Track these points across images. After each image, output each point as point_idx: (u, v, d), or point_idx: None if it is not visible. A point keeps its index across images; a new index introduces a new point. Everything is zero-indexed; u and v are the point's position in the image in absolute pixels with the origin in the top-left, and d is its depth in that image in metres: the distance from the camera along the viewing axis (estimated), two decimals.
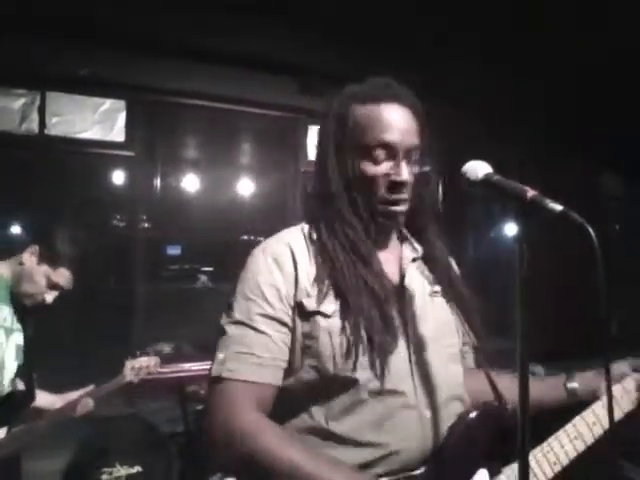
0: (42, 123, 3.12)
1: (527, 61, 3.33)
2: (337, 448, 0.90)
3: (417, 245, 1.09)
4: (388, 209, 0.99)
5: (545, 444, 1.02)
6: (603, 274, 0.66)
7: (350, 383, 0.90)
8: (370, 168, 0.98)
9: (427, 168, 1.04)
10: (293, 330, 0.94)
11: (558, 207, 0.73)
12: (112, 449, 2.39)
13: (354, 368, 0.90)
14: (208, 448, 0.91)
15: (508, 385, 1.03)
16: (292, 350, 0.94)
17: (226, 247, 5.01)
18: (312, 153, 3.80)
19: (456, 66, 3.40)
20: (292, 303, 0.95)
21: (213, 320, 1.04)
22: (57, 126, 3.14)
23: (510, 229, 4.39)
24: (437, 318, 1.02)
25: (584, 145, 3.91)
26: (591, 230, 0.68)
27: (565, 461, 1.02)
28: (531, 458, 0.99)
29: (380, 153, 0.97)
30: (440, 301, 1.05)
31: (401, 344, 0.95)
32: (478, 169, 0.85)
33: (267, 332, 0.93)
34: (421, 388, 0.95)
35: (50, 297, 1.89)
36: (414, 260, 1.06)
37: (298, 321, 0.94)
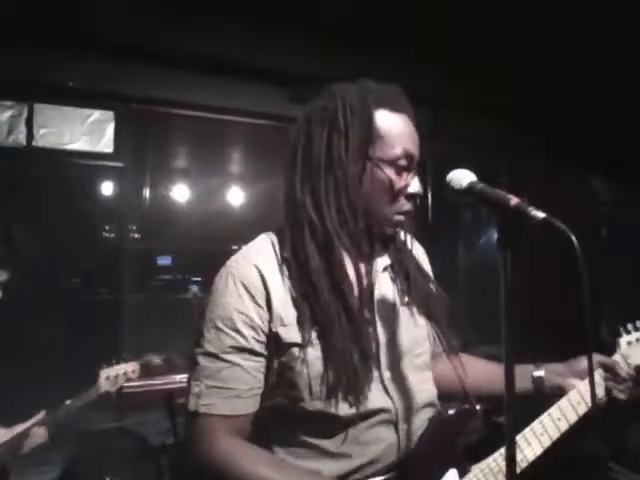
0: (30, 135, 3.09)
1: (525, 69, 3.37)
2: (316, 459, 0.92)
3: (385, 253, 1.07)
4: (401, 220, 0.99)
5: None
6: (586, 280, 0.66)
7: (328, 415, 0.91)
8: (394, 177, 0.96)
9: None
10: (268, 358, 0.93)
11: (540, 214, 0.73)
12: (101, 462, 2.36)
13: (332, 402, 0.90)
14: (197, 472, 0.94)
15: (481, 369, 1.09)
16: (267, 377, 0.93)
17: (217, 257, 4.99)
18: None
19: (453, 74, 3.43)
20: (266, 331, 0.92)
21: None
22: (45, 138, 3.12)
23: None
24: (408, 328, 1.02)
25: (574, 149, 3.96)
26: (573, 237, 0.68)
27: (531, 457, 1.03)
28: (497, 456, 1.02)
29: (403, 163, 0.96)
30: (411, 310, 1.05)
31: (374, 362, 0.95)
32: (462, 177, 0.85)
33: (240, 364, 0.91)
34: (397, 401, 0.96)
35: None
36: (384, 269, 1.05)
37: (273, 350, 0.92)
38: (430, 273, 1.15)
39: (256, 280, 0.93)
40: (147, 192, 3.95)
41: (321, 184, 0.94)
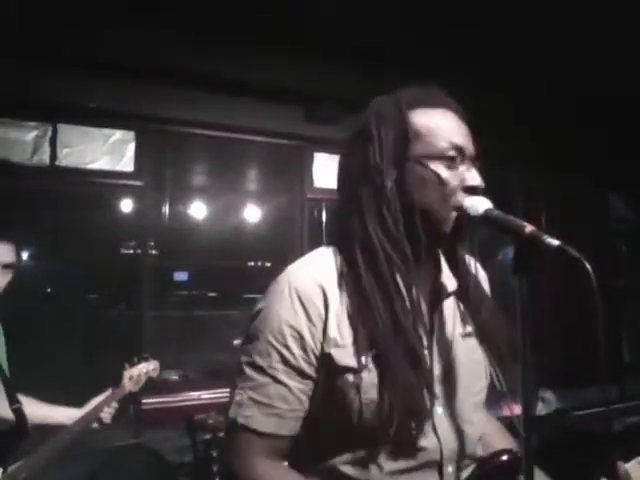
0: (53, 154, 3.17)
1: (528, 80, 3.37)
2: None
3: (452, 274, 0.99)
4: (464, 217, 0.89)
5: None
6: (600, 309, 0.67)
7: (372, 443, 0.86)
8: (444, 172, 0.89)
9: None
10: (316, 380, 0.88)
11: (555, 242, 0.74)
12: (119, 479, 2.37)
13: (380, 431, 0.84)
14: None
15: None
16: (313, 398, 0.88)
17: (233, 272, 5.05)
18: (318, 180, 3.85)
19: (456, 88, 3.44)
20: (318, 353, 0.87)
21: (221, 346, 1.03)
22: (68, 157, 3.20)
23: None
24: (467, 363, 0.95)
25: (590, 167, 3.93)
26: (588, 265, 0.69)
27: None
28: None
29: (454, 156, 0.89)
30: (471, 343, 0.97)
31: (426, 395, 0.88)
32: (478, 205, 0.86)
33: (286, 383, 0.87)
34: (446, 440, 0.90)
35: (8, 276, 1.84)
36: (449, 295, 0.97)
37: (323, 372, 0.87)
38: (491, 299, 1.06)
39: (316, 296, 0.88)
40: (166, 210, 4.02)
41: (362, 196, 0.91)
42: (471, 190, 0.89)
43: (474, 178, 0.90)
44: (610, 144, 3.78)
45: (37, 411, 1.89)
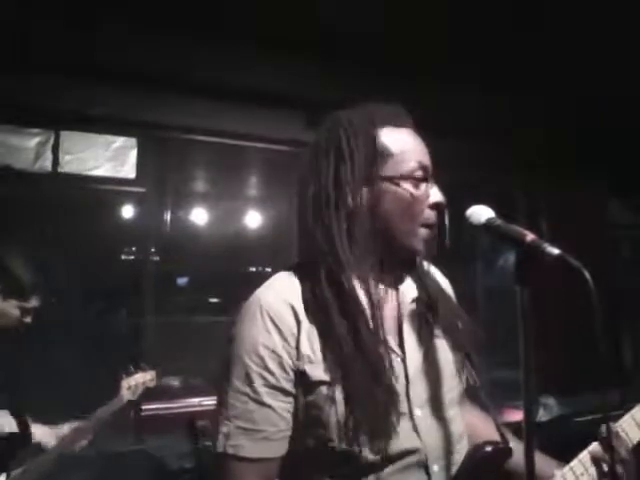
0: (56, 161, 3.19)
1: (528, 87, 3.39)
2: None
3: (412, 282, 1.02)
4: (428, 233, 0.94)
5: None
6: (600, 317, 0.68)
7: (355, 457, 0.87)
8: (413, 191, 0.93)
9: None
10: (296, 397, 0.89)
11: (555, 251, 0.76)
12: None
13: (357, 444, 0.86)
14: None
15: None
16: (295, 417, 0.89)
17: (234, 278, 5.05)
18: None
19: (455, 97, 3.46)
20: (294, 368, 0.88)
21: (222, 353, 1.03)
22: (70, 164, 3.21)
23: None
24: (437, 363, 0.98)
25: (590, 172, 3.95)
26: (587, 274, 0.70)
27: None
28: None
29: (419, 175, 0.94)
30: (440, 343, 1.00)
31: (403, 400, 0.90)
32: (481, 214, 0.89)
33: (270, 404, 0.87)
34: (428, 440, 0.91)
35: (29, 319, 1.91)
36: (413, 301, 1.00)
37: (300, 389, 0.88)
38: (454, 301, 1.11)
39: (287, 314, 0.90)
40: (168, 216, 4.04)
41: (332, 215, 0.92)
42: (436, 206, 0.94)
43: (437, 194, 0.95)
44: (611, 148, 3.79)
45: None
